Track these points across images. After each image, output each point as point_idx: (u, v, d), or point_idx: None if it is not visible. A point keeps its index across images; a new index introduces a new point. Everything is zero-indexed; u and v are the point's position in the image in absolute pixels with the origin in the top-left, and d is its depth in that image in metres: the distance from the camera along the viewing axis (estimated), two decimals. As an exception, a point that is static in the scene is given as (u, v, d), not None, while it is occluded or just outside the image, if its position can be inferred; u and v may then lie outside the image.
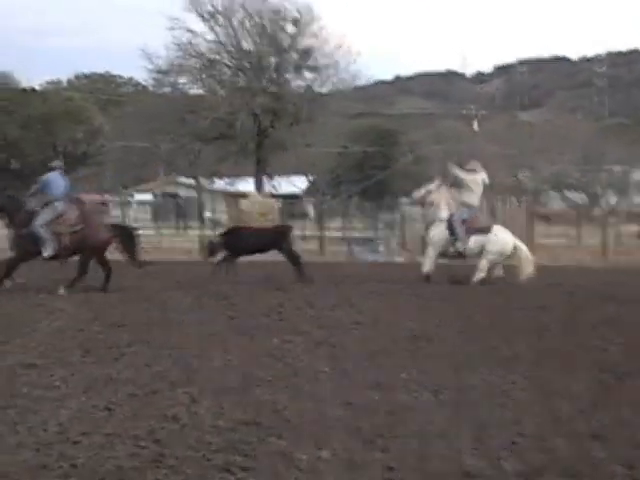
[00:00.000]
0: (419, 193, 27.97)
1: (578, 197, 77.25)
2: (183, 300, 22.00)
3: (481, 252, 26.36)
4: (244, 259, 28.65)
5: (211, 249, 26.54)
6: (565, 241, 48.10)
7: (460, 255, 26.76)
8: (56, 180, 24.81)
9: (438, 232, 26.55)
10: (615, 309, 21.15)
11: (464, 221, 26.28)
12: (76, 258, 24.22)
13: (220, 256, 26.56)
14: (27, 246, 23.68)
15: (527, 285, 26.46)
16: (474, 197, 26.67)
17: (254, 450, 8.41)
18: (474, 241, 26.26)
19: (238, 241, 27.22)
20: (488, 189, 28.51)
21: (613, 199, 77.25)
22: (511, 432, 9.12)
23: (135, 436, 8.86)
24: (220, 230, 28.35)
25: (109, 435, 8.92)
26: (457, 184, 27.26)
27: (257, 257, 34.64)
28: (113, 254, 25.38)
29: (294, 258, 27.19)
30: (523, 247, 27.08)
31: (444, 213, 26.69)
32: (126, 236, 25.27)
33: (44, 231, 23.60)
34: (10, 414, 9.73)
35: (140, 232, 29.22)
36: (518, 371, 12.59)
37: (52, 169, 25.43)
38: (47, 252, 23.61)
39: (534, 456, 8.25)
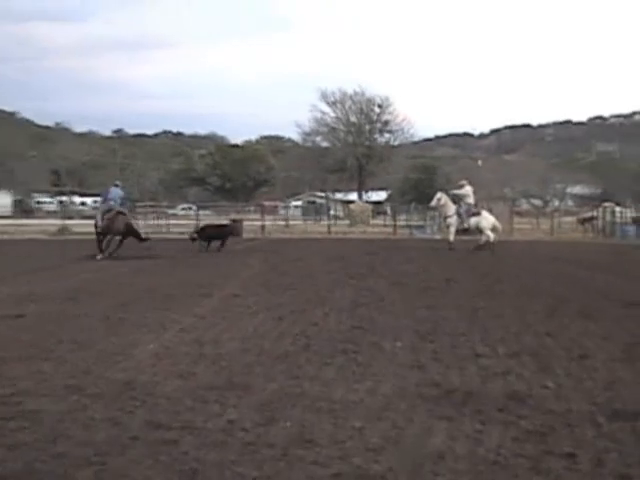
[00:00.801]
0: (433, 202, 28.60)
1: (537, 202, 77.12)
2: (318, 261, 22.07)
3: (477, 227, 27.24)
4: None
5: (192, 238, 26.49)
6: (530, 226, 48.31)
7: (466, 230, 27.55)
8: (114, 191, 24.43)
9: (454, 219, 27.37)
10: (559, 264, 21.07)
11: (466, 211, 27.17)
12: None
13: (201, 242, 26.26)
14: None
15: (511, 250, 26.59)
16: (470, 199, 27.51)
17: (359, 342, 8.40)
18: (472, 221, 27.11)
19: (207, 233, 26.97)
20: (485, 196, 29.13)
21: (556, 203, 77.40)
22: (501, 332, 9.03)
23: (294, 334, 8.89)
24: (198, 228, 28.34)
25: (281, 333, 8.97)
26: (457, 197, 28.09)
27: (369, 235, 34.56)
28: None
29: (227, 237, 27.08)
30: (497, 223, 28.01)
31: (452, 209, 27.50)
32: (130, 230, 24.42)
33: (99, 218, 23.77)
34: (225, 321, 9.83)
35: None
36: (504, 299, 12.46)
37: (115, 185, 25.09)
38: (97, 229, 23.61)
39: (514, 345, 8.16)
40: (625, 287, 14.95)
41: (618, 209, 47.12)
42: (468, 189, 27.49)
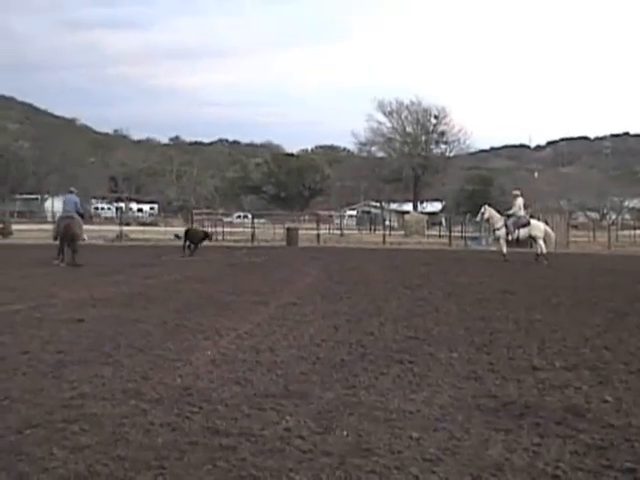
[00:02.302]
0: (478, 216, 28.85)
1: (594, 215, 76.48)
2: (373, 270, 22.06)
3: (529, 236, 27.12)
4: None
5: (184, 246, 27.30)
6: (586, 239, 47.98)
7: (517, 241, 27.28)
8: (70, 199, 23.65)
9: (502, 231, 26.97)
10: (615, 276, 20.81)
11: (514, 223, 26.73)
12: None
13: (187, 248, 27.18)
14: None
15: (567, 263, 26.34)
16: (521, 211, 27.23)
17: (415, 352, 8.38)
18: (522, 231, 26.75)
19: (190, 237, 27.83)
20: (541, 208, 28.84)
21: (613, 216, 76.66)
22: (558, 344, 8.94)
23: (350, 343, 8.89)
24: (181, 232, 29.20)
25: (337, 342, 8.96)
26: (510, 208, 27.86)
27: (424, 246, 34.35)
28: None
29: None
30: (550, 231, 27.74)
31: (500, 222, 27.16)
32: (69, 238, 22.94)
33: (57, 225, 23.45)
34: (281, 329, 9.87)
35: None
36: (561, 312, 12.34)
37: (69, 191, 24.37)
38: (55, 236, 23.00)
39: (571, 358, 8.08)
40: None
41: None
42: (520, 201, 27.29)
